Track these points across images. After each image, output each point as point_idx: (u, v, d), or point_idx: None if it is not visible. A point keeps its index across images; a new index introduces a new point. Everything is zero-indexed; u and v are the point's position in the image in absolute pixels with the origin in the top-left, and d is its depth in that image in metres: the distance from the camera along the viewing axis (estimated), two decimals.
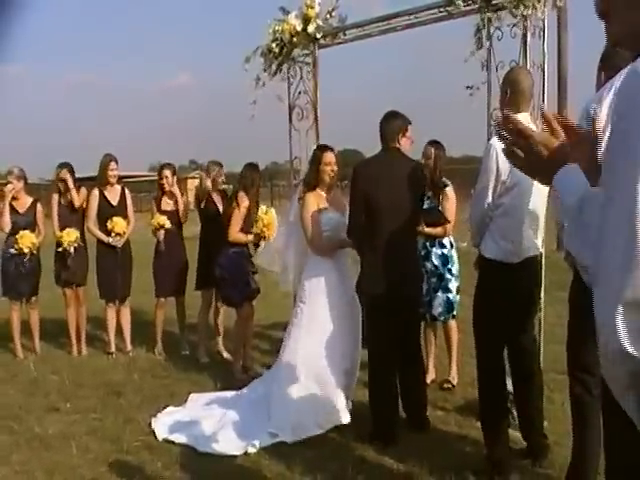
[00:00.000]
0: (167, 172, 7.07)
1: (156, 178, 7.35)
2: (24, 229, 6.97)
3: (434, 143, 5.58)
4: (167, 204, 7.05)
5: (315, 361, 4.82)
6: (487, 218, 3.87)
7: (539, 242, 4.02)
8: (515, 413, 4.27)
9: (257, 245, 6.26)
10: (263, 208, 6.31)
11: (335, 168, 5.11)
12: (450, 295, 5.45)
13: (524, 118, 3.87)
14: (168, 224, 6.93)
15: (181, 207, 7.10)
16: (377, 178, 4.50)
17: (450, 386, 5.52)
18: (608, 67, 2.95)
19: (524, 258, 3.87)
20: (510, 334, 4.01)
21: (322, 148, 5.23)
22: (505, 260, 3.83)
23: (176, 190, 7.11)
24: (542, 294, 4.40)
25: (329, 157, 5.08)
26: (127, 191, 7.31)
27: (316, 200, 5.05)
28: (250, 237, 6.22)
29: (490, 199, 3.81)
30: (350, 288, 4.97)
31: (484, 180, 3.84)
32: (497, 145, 3.78)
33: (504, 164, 3.70)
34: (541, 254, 4.13)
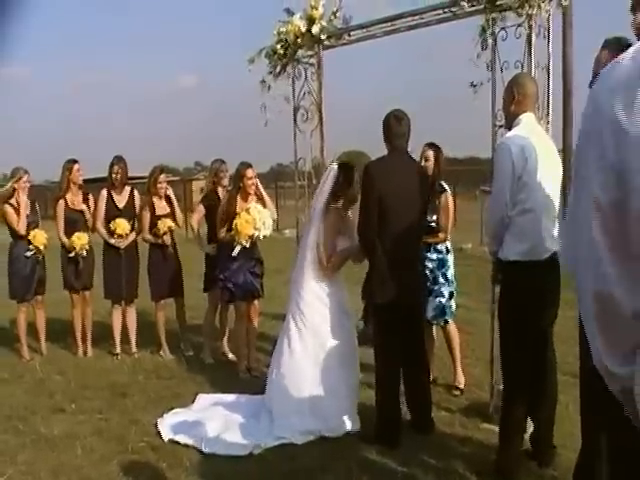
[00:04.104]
0: (164, 176, 7.11)
1: None
2: (32, 229, 6.99)
3: (432, 146, 5.50)
4: (161, 208, 7.04)
5: (316, 369, 4.81)
6: (506, 219, 3.76)
7: (556, 236, 3.91)
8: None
9: (233, 247, 6.10)
10: (251, 206, 6.09)
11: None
12: (442, 300, 5.42)
13: (529, 118, 3.87)
14: (174, 226, 6.98)
15: (177, 211, 7.17)
16: (391, 180, 4.45)
17: (458, 392, 5.46)
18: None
19: (549, 254, 3.79)
20: (537, 338, 3.89)
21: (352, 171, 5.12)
22: (531, 259, 3.74)
23: (171, 193, 7.18)
24: None
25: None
26: (136, 193, 7.30)
27: (337, 219, 4.99)
28: (222, 235, 6.19)
29: (508, 199, 3.71)
30: (344, 296, 5.01)
31: (500, 180, 3.74)
32: (510, 142, 3.75)
33: (518, 159, 3.64)
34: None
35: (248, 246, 6.07)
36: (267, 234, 6.12)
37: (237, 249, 6.04)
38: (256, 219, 5.97)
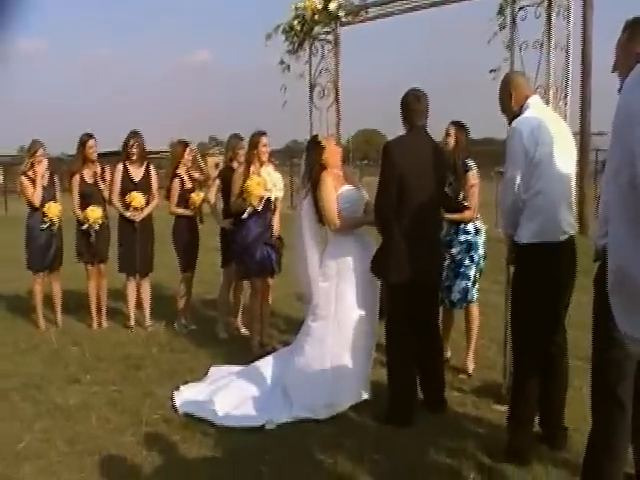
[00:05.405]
0: (189, 150, 7.16)
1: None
2: (48, 202, 7.05)
3: (456, 123, 5.42)
4: (189, 182, 7.11)
5: (344, 340, 4.85)
6: (520, 202, 3.74)
7: (573, 220, 3.91)
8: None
9: (241, 214, 6.09)
10: (262, 169, 6.13)
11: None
12: (468, 282, 5.36)
13: (536, 99, 3.86)
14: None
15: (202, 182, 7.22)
16: (410, 158, 4.42)
17: (466, 376, 5.44)
18: None
19: (566, 237, 3.79)
20: (549, 322, 3.89)
21: (315, 140, 5.23)
22: (548, 240, 3.72)
23: (203, 165, 7.26)
24: None
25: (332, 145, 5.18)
26: (152, 167, 7.33)
27: (334, 179, 5.02)
28: (236, 203, 6.17)
29: (520, 181, 3.69)
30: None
31: (512, 164, 3.73)
32: (521, 125, 3.73)
33: (529, 141, 3.64)
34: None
35: (260, 209, 6.04)
36: (279, 196, 6.23)
37: (248, 210, 6.03)
38: (267, 180, 6.01)
